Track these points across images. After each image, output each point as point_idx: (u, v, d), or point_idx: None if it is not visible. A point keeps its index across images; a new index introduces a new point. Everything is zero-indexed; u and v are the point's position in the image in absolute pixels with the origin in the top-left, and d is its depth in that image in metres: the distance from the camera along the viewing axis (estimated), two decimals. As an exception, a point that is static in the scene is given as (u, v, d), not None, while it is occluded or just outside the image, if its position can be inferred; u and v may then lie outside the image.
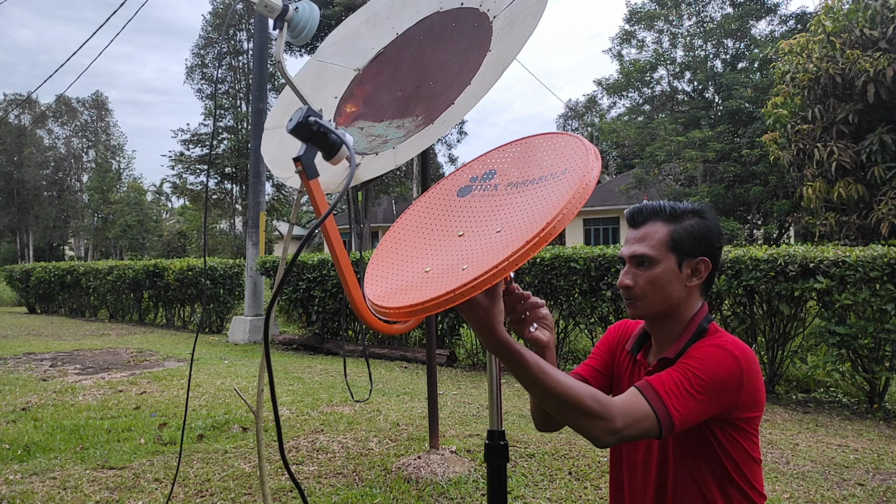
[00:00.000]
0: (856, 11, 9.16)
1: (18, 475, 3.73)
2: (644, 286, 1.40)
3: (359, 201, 3.99)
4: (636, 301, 1.41)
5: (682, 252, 1.40)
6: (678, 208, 1.43)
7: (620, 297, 6.51)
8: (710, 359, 1.28)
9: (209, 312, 12.35)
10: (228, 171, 28.11)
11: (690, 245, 1.40)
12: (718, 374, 1.26)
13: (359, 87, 2.99)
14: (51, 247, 41.09)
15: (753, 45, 20.07)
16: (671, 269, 1.39)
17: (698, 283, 1.42)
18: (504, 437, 1.45)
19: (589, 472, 3.77)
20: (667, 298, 1.40)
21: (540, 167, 1.28)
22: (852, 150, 8.97)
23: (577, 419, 1.14)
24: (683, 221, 1.41)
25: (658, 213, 1.43)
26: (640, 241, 1.41)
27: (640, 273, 1.40)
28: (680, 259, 1.40)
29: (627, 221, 1.46)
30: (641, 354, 1.51)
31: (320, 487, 3.58)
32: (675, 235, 1.40)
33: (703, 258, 1.41)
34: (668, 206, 1.43)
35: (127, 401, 5.72)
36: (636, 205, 1.48)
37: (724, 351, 1.29)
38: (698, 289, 1.43)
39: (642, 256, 1.40)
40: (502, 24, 2.49)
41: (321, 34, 5.54)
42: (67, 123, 42.95)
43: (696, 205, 1.46)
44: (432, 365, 4.04)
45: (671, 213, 1.42)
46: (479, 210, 1.30)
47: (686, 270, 1.40)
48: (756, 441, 1.36)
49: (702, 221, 1.43)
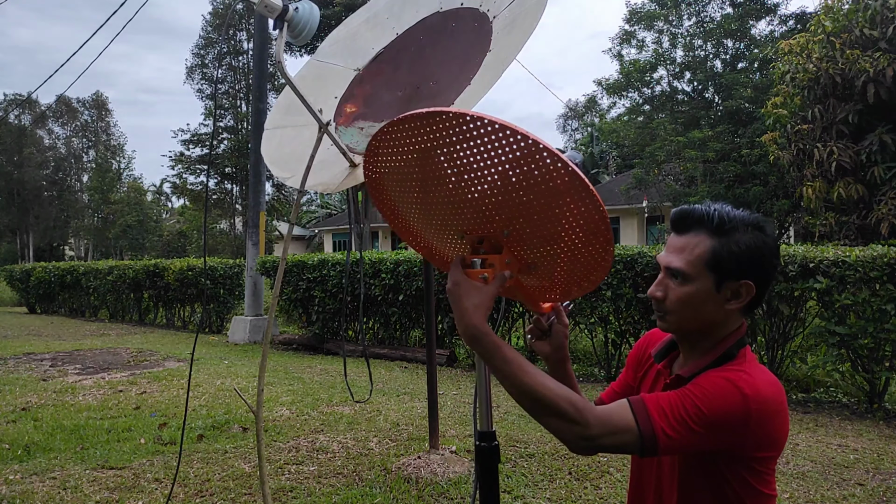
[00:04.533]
0: (856, 11, 9.15)
1: (18, 475, 3.73)
2: (675, 302, 1.26)
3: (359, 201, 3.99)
4: (666, 315, 1.29)
5: (723, 272, 1.23)
6: (729, 219, 1.24)
7: (621, 297, 6.51)
8: (715, 391, 1.16)
9: (209, 312, 12.35)
10: (228, 171, 28.10)
11: (735, 265, 1.22)
12: (719, 411, 1.14)
13: (359, 87, 2.99)
14: (51, 247, 41.07)
15: (753, 45, 20.05)
16: (707, 290, 1.24)
17: (738, 306, 1.25)
18: (495, 437, 1.39)
19: (589, 472, 3.77)
20: (699, 318, 1.26)
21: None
22: (852, 150, 8.97)
23: (549, 420, 1.11)
24: (733, 236, 1.23)
25: (704, 221, 1.25)
26: (678, 252, 1.26)
27: (672, 286, 1.27)
28: (719, 279, 1.23)
29: (671, 224, 1.31)
30: (665, 363, 1.40)
31: (320, 487, 3.58)
32: (718, 253, 1.22)
33: (747, 281, 1.23)
34: (718, 214, 1.25)
35: (127, 401, 5.72)
36: (683, 207, 1.31)
37: (733, 386, 1.16)
38: (738, 311, 1.27)
39: (676, 271, 1.25)
40: (502, 24, 2.49)
41: (321, 34, 5.54)
42: (67, 123, 42.95)
43: (754, 217, 1.27)
44: (432, 365, 4.04)
45: (719, 224, 1.23)
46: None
47: (725, 292, 1.24)
48: (770, 479, 1.25)
49: (756, 238, 1.24)
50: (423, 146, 1.26)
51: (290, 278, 9.52)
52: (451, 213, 1.34)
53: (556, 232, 1.25)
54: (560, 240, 1.26)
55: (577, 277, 1.39)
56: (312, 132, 2.64)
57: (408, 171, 1.33)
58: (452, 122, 1.20)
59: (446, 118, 1.20)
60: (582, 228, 1.22)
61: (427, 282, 4.00)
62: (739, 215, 1.26)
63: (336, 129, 2.80)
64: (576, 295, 1.47)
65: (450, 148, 1.22)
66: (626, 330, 6.84)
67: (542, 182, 1.17)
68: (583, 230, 1.23)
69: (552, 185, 1.16)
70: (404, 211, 1.46)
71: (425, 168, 1.29)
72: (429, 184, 1.31)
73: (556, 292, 1.46)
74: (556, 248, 1.29)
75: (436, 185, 1.29)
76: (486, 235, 1.33)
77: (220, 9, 28.72)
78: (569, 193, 1.17)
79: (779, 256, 1.29)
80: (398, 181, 1.38)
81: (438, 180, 1.28)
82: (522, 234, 1.29)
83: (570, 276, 1.38)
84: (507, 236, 1.30)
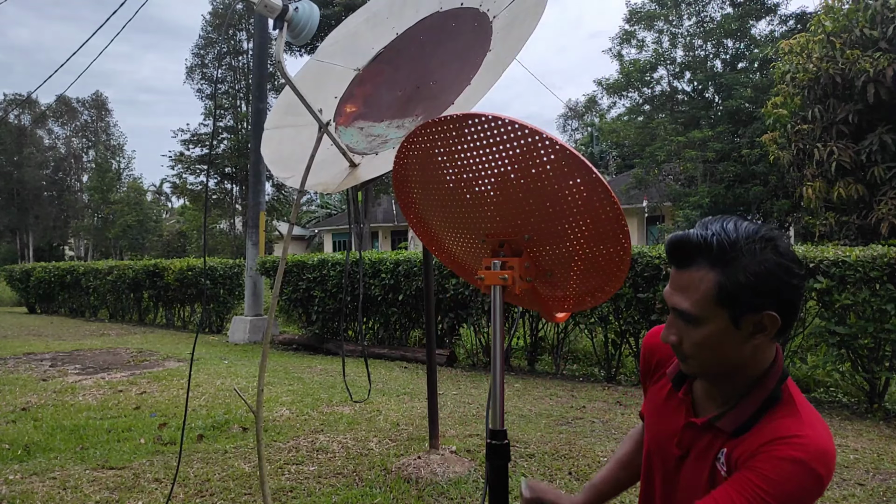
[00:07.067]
0: (856, 11, 9.16)
1: (18, 475, 3.73)
2: (691, 347, 1.11)
3: (359, 201, 4.00)
4: (686, 359, 1.14)
5: (737, 307, 1.05)
6: (731, 243, 1.04)
7: (620, 296, 6.50)
8: (789, 483, 0.99)
9: (209, 312, 12.35)
10: (228, 171, 28.12)
11: (749, 297, 1.04)
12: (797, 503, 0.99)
13: (359, 87, 2.99)
14: (51, 247, 41.08)
15: (753, 45, 20.06)
16: (724, 329, 1.07)
17: (765, 339, 1.09)
18: (506, 436, 1.41)
19: (589, 473, 3.77)
20: (723, 361, 1.11)
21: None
22: (852, 150, 8.97)
23: None
24: (739, 263, 1.04)
25: (703, 251, 1.07)
26: (682, 292, 1.09)
27: (685, 329, 1.11)
28: (735, 315, 1.06)
29: (668, 258, 1.14)
30: (684, 391, 1.24)
31: (320, 487, 3.57)
32: (725, 287, 1.04)
33: (769, 312, 1.05)
34: (717, 241, 1.05)
35: (127, 401, 5.72)
36: (677, 236, 1.11)
37: (806, 470, 1.00)
38: (770, 342, 1.11)
39: (683, 314, 1.09)
40: (502, 23, 2.49)
41: (321, 34, 5.54)
42: (67, 123, 42.97)
43: (761, 234, 1.06)
44: (432, 365, 4.03)
45: (720, 252, 1.05)
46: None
47: (746, 327, 1.07)
48: None
49: (766, 260, 1.04)
50: (454, 148, 1.29)
51: (290, 278, 9.52)
52: (476, 216, 1.36)
53: (573, 231, 1.29)
54: (576, 238, 1.29)
55: (591, 287, 1.40)
56: (312, 132, 2.64)
57: (438, 174, 1.35)
58: (485, 125, 1.22)
59: (481, 121, 1.23)
60: (596, 227, 1.26)
61: (427, 282, 4.00)
62: (743, 235, 1.06)
63: (336, 129, 2.80)
64: (588, 305, 1.49)
65: (482, 150, 1.25)
66: (626, 330, 6.84)
67: (567, 189, 1.21)
68: (595, 228, 1.25)
69: (580, 199, 1.23)
70: (428, 214, 1.48)
71: (457, 170, 1.32)
72: (461, 186, 1.33)
73: (570, 302, 1.48)
74: (572, 248, 1.31)
75: (465, 188, 1.32)
76: (507, 239, 1.35)
77: (220, 9, 28.72)
78: (597, 198, 1.21)
79: (798, 272, 1.07)
80: (425, 184, 1.40)
81: (467, 182, 1.30)
82: (541, 234, 1.31)
83: (585, 285, 1.40)
84: (528, 240, 1.32)
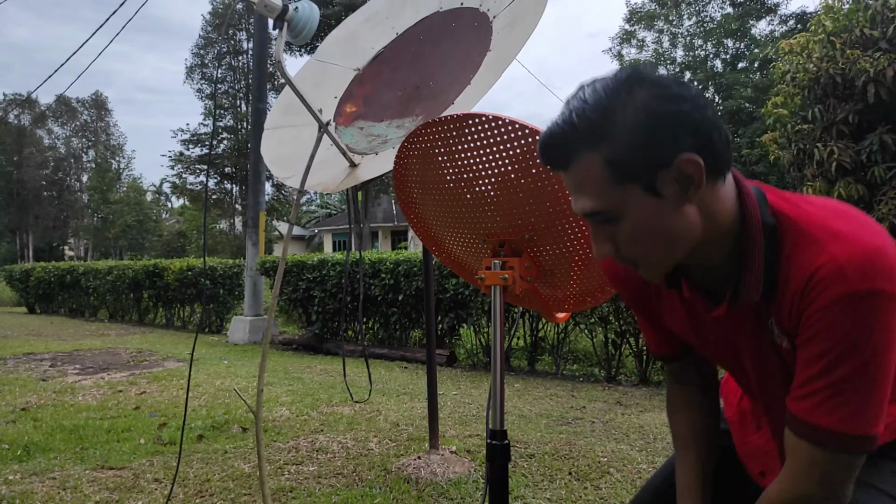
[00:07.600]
0: (856, 11, 9.16)
1: (18, 475, 3.73)
2: (629, 247, 0.92)
3: (359, 201, 4.00)
4: (638, 264, 0.96)
5: (641, 173, 0.86)
6: (594, 108, 0.86)
7: (621, 297, 6.49)
8: (860, 326, 0.82)
9: (209, 312, 12.34)
10: (228, 171, 28.15)
11: (645, 154, 0.84)
12: (882, 335, 0.83)
13: (358, 87, 2.99)
14: (51, 247, 41.08)
15: (753, 45, 20.09)
16: (646, 207, 0.87)
17: (702, 189, 0.87)
18: (506, 436, 1.41)
19: (589, 472, 3.77)
20: (674, 241, 0.90)
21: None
22: (852, 150, 8.97)
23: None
24: (614, 123, 0.85)
25: (572, 138, 0.88)
26: (579, 193, 0.91)
27: (611, 232, 0.92)
28: (647, 182, 0.86)
29: (545, 164, 0.95)
30: (686, 287, 1.04)
31: (320, 488, 3.57)
32: (613, 159, 0.85)
33: (681, 157, 0.84)
34: (578, 115, 0.87)
35: (127, 401, 5.72)
36: (541, 135, 0.92)
37: (858, 299, 0.81)
38: (712, 186, 0.89)
39: (595, 215, 0.91)
40: (502, 23, 2.48)
41: (321, 34, 5.55)
42: (67, 123, 42.97)
43: (620, 73, 0.89)
44: (432, 365, 4.03)
45: (588, 126, 0.86)
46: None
47: (670, 189, 0.86)
48: None
49: (639, 99, 0.85)
50: (454, 148, 1.29)
51: (290, 278, 9.51)
52: (476, 216, 1.36)
53: (573, 231, 1.27)
54: (576, 238, 1.28)
55: (592, 287, 1.40)
56: (312, 132, 2.64)
57: (438, 174, 1.35)
58: (485, 125, 1.22)
59: (481, 121, 1.23)
60: None
61: (427, 282, 4.00)
62: (603, 93, 0.87)
63: (336, 128, 2.80)
64: (588, 305, 1.48)
65: (482, 150, 1.24)
66: (626, 330, 6.83)
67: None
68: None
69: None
70: (428, 214, 1.48)
71: (457, 169, 1.32)
72: (461, 185, 1.33)
73: (570, 302, 1.48)
74: (572, 248, 1.31)
75: (465, 187, 1.32)
76: (507, 239, 1.34)
77: (220, 9, 28.73)
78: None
79: (685, 93, 0.86)
80: (425, 184, 1.40)
81: (467, 182, 1.30)
82: (541, 234, 1.30)
83: (585, 285, 1.40)
84: (528, 240, 1.32)
